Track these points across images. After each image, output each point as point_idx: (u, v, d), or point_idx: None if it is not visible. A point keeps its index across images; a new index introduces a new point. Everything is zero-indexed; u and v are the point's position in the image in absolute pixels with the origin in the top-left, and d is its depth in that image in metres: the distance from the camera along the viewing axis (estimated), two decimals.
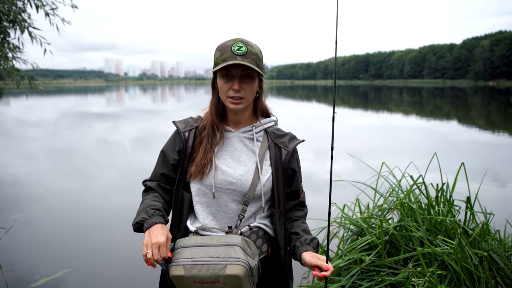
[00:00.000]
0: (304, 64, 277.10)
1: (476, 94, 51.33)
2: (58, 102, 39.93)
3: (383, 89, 75.81)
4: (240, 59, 1.45)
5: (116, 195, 7.02)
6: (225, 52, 1.48)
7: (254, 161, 1.59)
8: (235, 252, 1.40)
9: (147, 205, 1.57)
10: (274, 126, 1.69)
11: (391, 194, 3.23)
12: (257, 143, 1.63)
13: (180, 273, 1.41)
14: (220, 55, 1.50)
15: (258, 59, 1.51)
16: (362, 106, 32.37)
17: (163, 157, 1.65)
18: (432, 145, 11.72)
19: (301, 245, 1.57)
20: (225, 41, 1.53)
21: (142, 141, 13.35)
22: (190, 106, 31.43)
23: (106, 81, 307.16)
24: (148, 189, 1.67)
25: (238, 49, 1.46)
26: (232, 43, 1.48)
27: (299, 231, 1.63)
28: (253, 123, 1.65)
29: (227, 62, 1.45)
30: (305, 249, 1.55)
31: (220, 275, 1.37)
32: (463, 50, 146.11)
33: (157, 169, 1.67)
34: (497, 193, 6.33)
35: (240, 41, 1.49)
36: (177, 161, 1.63)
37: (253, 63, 1.47)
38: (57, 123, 18.75)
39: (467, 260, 2.39)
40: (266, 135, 1.65)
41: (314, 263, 1.48)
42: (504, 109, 27.89)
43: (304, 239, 1.59)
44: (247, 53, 1.47)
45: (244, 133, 1.63)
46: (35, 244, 4.81)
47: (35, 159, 10.29)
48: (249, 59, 1.47)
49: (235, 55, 1.46)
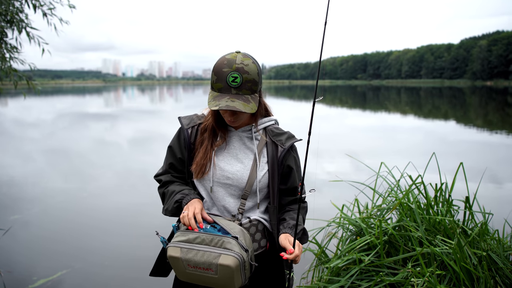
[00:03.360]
0: (302, 64, 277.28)
1: (474, 94, 51.39)
2: (55, 102, 39.84)
3: (381, 89, 75.82)
4: (234, 92, 1.48)
5: (114, 195, 7.00)
6: (220, 81, 1.50)
7: (252, 159, 1.66)
8: (230, 244, 1.48)
9: (178, 190, 1.67)
10: (274, 125, 1.76)
11: (390, 194, 3.22)
12: (256, 142, 1.68)
13: (176, 254, 1.50)
14: (215, 81, 1.52)
15: (254, 84, 1.52)
16: (360, 106, 32.41)
17: (171, 152, 1.75)
18: (430, 145, 11.74)
19: (283, 228, 1.66)
20: (223, 60, 1.52)
21: (140, 142, 13.32)
22: (188, 106, 31.45)
23: (104, 82, 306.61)
24: (165, 182, 1.75)
25: (232, 80, 1.48)
26: (228, 72, 1.48)
27: (286, 217, 1.72)
28: (252, 122, 1.70)
29: (220, 100, 1.48)
30: (284, 231, 1.63)
31: (213, 263, 1.46)
32: (460, 50, 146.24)
33: (167, 162, 1.77)
34: (495, 192, 6.34)
35: (236, 69, 1.48)
36: (184, 156, 1.72)
37: (247, 93, 1.51)
38: (55, 124, 18.71)
39: (466, 260, 2.39)
40: (265, 133, 1.71)
41: (283, 245, 1.56)
42: (502, 109, 27.93)
43: (287, 223, 1.68)
44: (242, 84, 1.49)
45: (244, 132, 1.69)
46: (33, 245, 4.79)
47: (33, 159, 10.26)
48: (244, 90, 1.50)
49: (230, 87, 1.48)
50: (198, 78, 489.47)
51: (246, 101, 1.49)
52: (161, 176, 1.76)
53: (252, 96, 1.52)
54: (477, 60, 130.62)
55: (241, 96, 1.49)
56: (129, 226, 5.44)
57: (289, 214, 1.74)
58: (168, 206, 1.65)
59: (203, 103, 1.74)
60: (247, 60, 1.51)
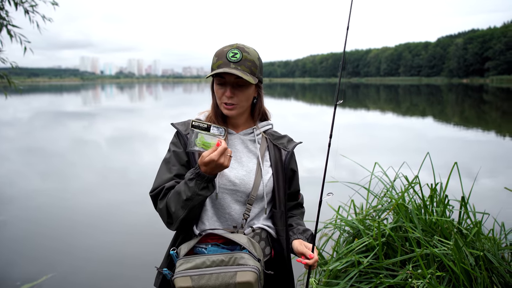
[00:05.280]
0: (282, 62, 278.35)
1: (451, 92, 52.46)
2: (32, 100, 38.95)
3: (360, 87, 76.69)
4: (233, 66, 1.47)
5: (95, 195, 6.86)
6: (221, 58, 1.50)
7: (255, 163, 1.61)
8: (243, 259, 1.40)
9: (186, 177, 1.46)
10: (272, 129, 1.74)
11: (386, 195, 3.21)
12: (258, 145, 1.65)
13: (187, 284, 1.38)
14: (216, 61, 1.52)
15: (254, 65, 1.52)
16: (341, 104, 32.60)
17: (176, 158, 1.57)
18: (405, 142, 11.89)
19: (293, 234, 1.64)
20: (224, 46, 1.54)
21: (119, 140, 13.13)
22: (168, 105, 31.16)
23: (82, 80, 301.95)
24: (169, 187, 1.51)
25: (233, 55, 1.48)
26: (229, 49, 1.50)
27: (293, 223, 1.70)
28: (251, 126, 1.67)
29: (219, 69, 1.47)
30: (296, 237, 1.62)
31: (231, 283, 1.37)
32: (437, 48, 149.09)
33: (170, 172, 1.55)
34: (484, 191, 6.39)
35: (237, 47, 1.51)
36: (187, 162, 1.59)
37: (246, 70, 1.49)
38: (31, 123, 18.28)
39: (464, 260, 2.38)
40: (265, 137, 1.68)
41: (300, 251, 1.54)
42: (477, 106, 28.58)
43: (296, 229, 1.66)
44: (242, 60, 1.48)
45: (246, 135, 1.65)
46: (15, 248, 4.64)
47: (8, 159, 10.00)
48: (243, 66, 1.48)
49: (229, 62, 1.48)
50: (178, 76, 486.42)
51: (246, 74, 1.47)
52: (161, 186, 1.52)
53: (252, 77, 1.50)
54: (454, 58, 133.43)
55: (240, 71, 1.47)
56: (113, 225, 5.36)
57: (293, 220, 1.72)
58: (186, 195, 1.40)
59: (184, 101, 1.66)
60: (248, 47, 1.54)
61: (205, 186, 1.42)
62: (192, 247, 1.48)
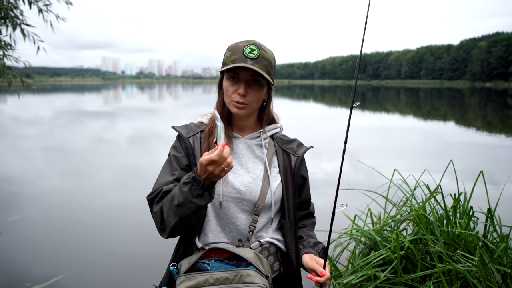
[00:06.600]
0: (302, 64, 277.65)
1: (473, 95, 51.38)
2: (54, 100, 39.73)
3: (381, 90, 75.85)
4: (251, 63, 1.36)
5: (110, 195, 6.86)
6: (236, 53, 1.39)
7: (262, 169, 1.49)
8: (250, 276, 1.28)
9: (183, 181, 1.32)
10: (280, 133, 1.61)
11: (405, 204, 3.05)
12: (265, 150, 1.53)
13: None
14: (230, 55, 1.39)
15: (270, 65, 1.42)
16: (359, 106, 32.29)
17: (177, 162, 1.47)
18: (426, 146, 11.61)
19: (304, 247, 1.52)
20: (238, 41, 1.43)
21: (138, 140, 13.20)
22: (188, 105, 31.34)
23: (103, 79, 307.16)
24: (164, 194, 1.40)
25: (250, 51, 1.37)
26: (245, 45, 1.40)
27: (303, 235, 1.58)
28: (258, 129, 1.55)
29: (236, 64, 1.35)
30: (306, 251, 1.50)
31: None
32: (460, 51, 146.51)
33: (170, 176, 1.45)
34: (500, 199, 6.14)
35: (254, 43, 1.40)
36: (188, 166, 1.47)
37: (263, 69, 1.38)
38: (53, 122, 18.58)
39: (490, 278, 2.22)
40: (273, 141, 1.57)
41: (311, 266, 1.42)
42: (501, 111, 27.88)
43: (307, 242, 1.54)
44: (259, 58, 1.38)
45: (252, 139, 1.53)
46: (27, 248, 4.63)
47: (30, 158, 10.09)
48: (260, 64, 1.37)
49: (246, 58, 1.37)
50: (198, 77, 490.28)
51: (263, 71, 1.37)
52: (159, 189, 1.42)
53: (269, 77, 1.40)
54: (477, 61, 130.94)
55: (257, 68, 1.36)
56: (126, 226, 5.32)
57: (303, 231, 1.60)
58: (178, 200, 1.27)
59: (203, 101, 1.56)
60: (264, 45, 1.44)
61: (200, 193, 1.26)
62: (194, 262, 1.37)
